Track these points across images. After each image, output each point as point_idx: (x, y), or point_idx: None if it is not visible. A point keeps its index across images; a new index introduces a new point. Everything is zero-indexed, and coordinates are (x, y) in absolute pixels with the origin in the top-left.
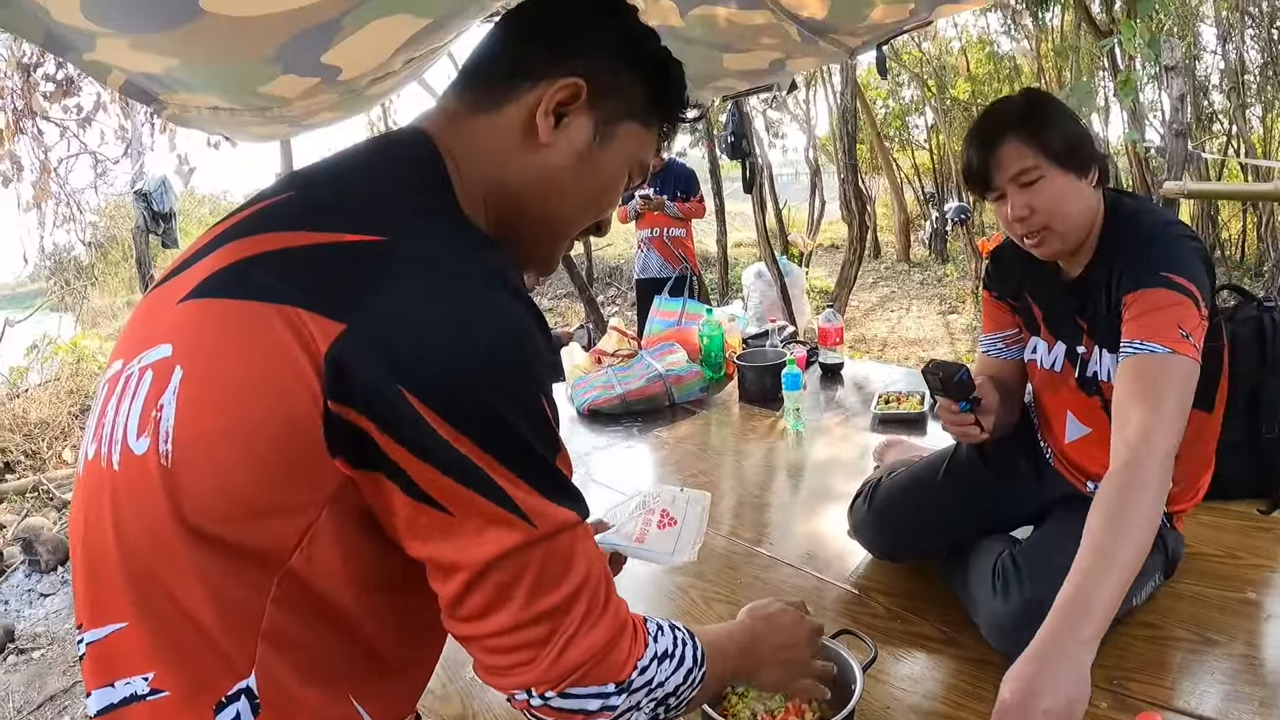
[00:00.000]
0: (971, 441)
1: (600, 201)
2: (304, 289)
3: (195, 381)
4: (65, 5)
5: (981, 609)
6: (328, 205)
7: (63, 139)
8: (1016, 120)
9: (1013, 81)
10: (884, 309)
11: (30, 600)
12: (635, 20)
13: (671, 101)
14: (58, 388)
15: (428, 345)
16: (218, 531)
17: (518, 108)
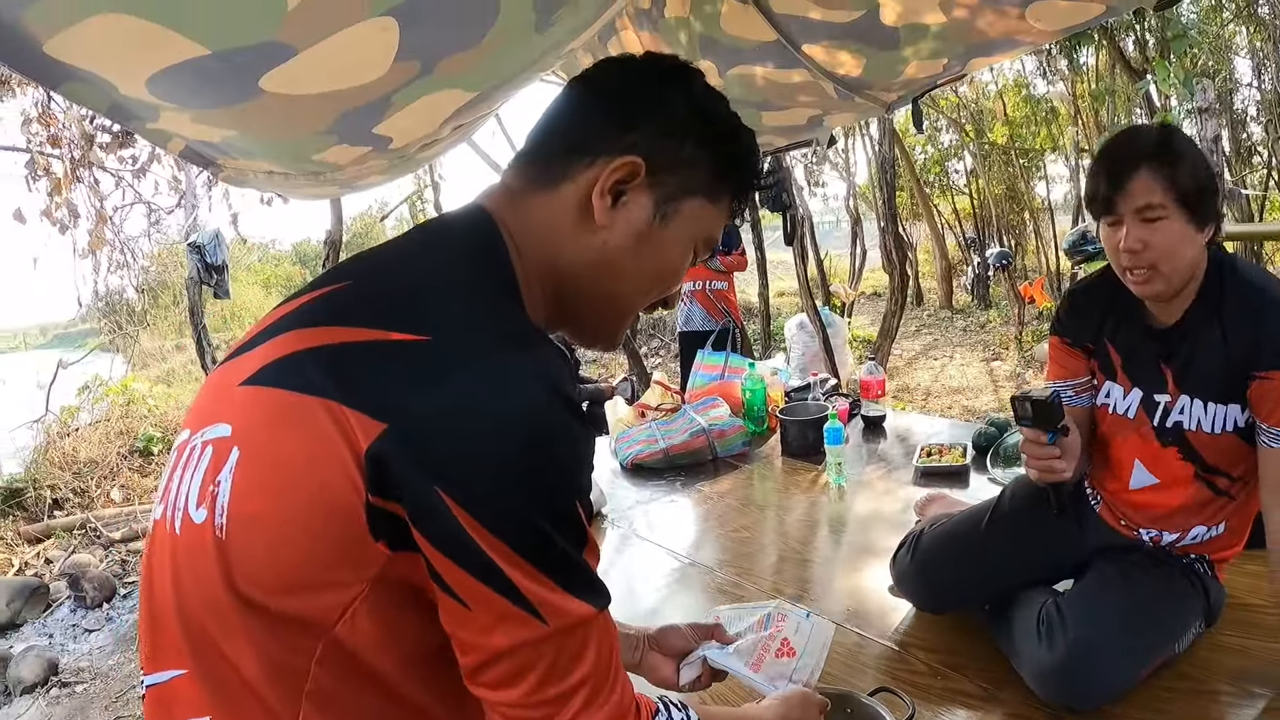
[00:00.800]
0: (1053, 480)
1: (662, 280)
2: (349, 386)
3: (249, 464)
4: (132, 82)
5: (1026, 658)
6: (379, 300)
7: (118, 188)
8: (1152, 152)
9: (1050, 124)
10: (927, 357)
11: (75, 635)
12: (703, 88)
13: (741, 174)
14: (108, 428)
15: (466, 450)
16: (265, 600)
17: (575, 186)
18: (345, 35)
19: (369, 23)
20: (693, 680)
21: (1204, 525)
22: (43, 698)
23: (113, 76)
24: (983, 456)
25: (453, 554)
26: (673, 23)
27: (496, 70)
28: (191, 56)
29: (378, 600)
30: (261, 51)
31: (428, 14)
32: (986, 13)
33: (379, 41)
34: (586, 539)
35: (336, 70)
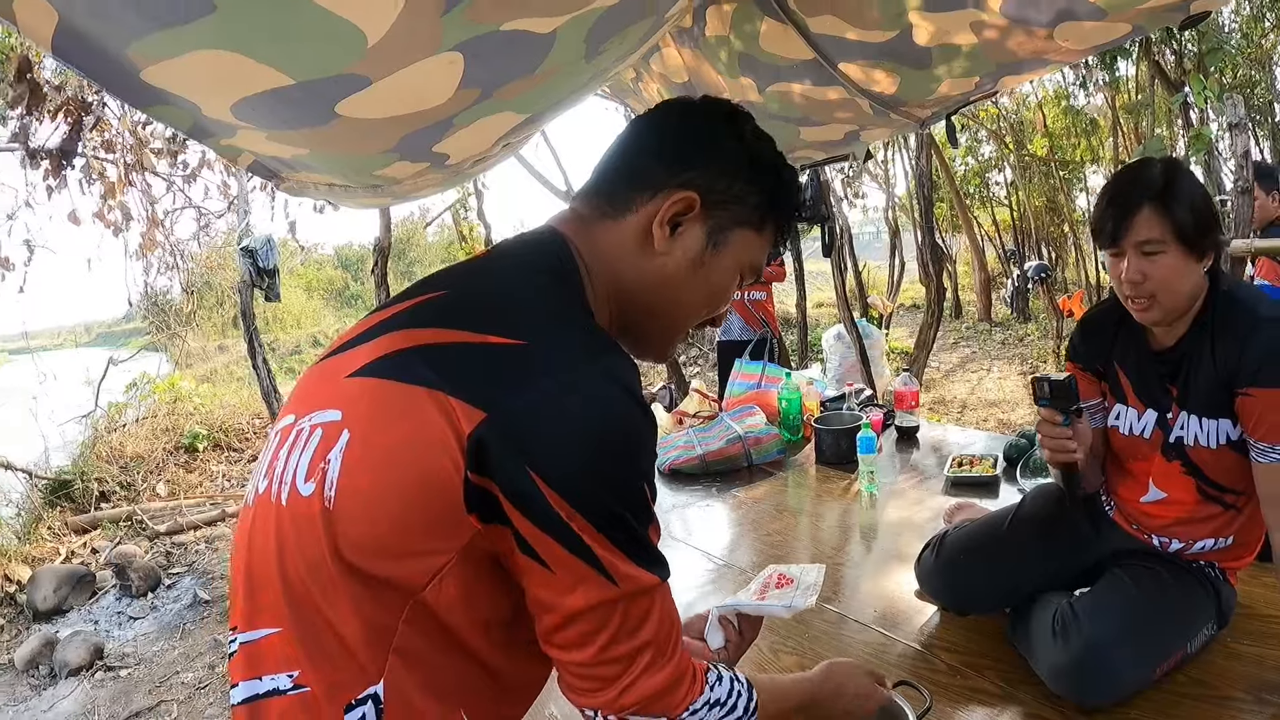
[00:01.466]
0: (1064, 460)
1: (712, 302)
2: (454, 379)
3: (358, 444)
4: (217, 104)
5: (1041, 656)
6: (476, 308)
7: (169, 192)
8: (1155, 191)
9: (1089, 136)
10: (964, 370)
11: (120, 622)
12: (753, 131)
13: (784, 208)
14: (154, 425)
15: (555, 438)
16: (364, 565)
17: (637, 217)
18: (416, 67)
19: (438, 57)
20: (723, 642)
21: (1211, 537)
22: (88, 680)
23: (200, 100)
24: (1013, 468)
25: (540, 523)
26: (713, 41)
27: (548, 95)
28: (277, 86)
29: (463, 568)
30: (340, 81)
31: (491, 49)
32: (1016, 33)
33: (446, 73)
34: (651, 518)
35: (405, 97)
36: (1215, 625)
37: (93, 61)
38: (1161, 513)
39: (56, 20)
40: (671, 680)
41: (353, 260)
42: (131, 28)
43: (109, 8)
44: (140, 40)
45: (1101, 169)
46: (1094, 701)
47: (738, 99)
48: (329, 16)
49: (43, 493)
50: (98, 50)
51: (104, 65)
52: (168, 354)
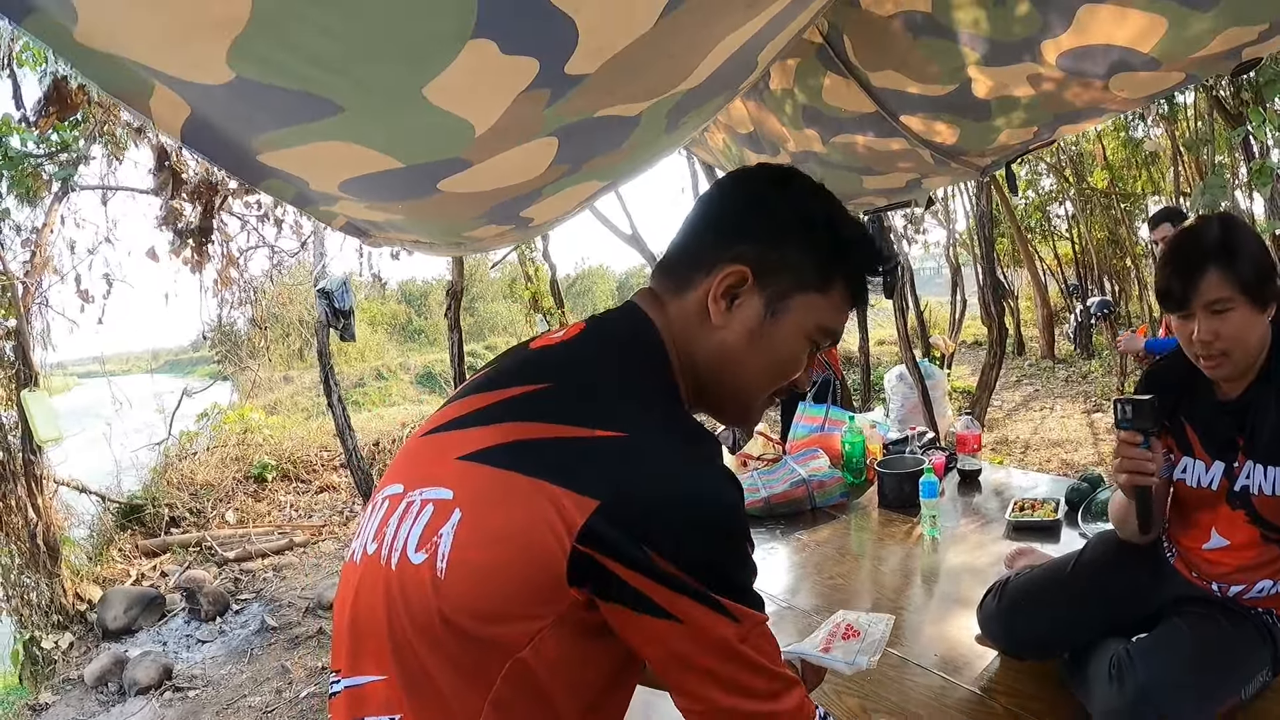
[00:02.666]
0: (1140, 483)
1: (781, 370)
2: (563, 472)
3: (469, 525)
4: (324, 180)
5: (1097, 699)
6: (579, 402)
7: (243, 230)
8: (1216, 250)
9: (1149, 167)
10: (1027, 409)
11: (188, 644)
12: (802, 192)
13: (848, 266)
14: (224, 454)
15: (666, 519)
16: (469, 627)
17: (697, 294)
18: (515, 150)
19: (536, 141)
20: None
21: (1270, 579)
22: (156, 699)
23: (309, 177)
24: (1074, 512)
25: (668, 585)
26: (778, 94)
27: (629, 165)
28: (387, 169)
29: (560, 631)
30: (445, 164)
31: (583, 131)
32: (1072, 85)
33: (541, 154)
34: (753, 570)
35: (502, 175)
36: (1270, 672)
37: (217, 149)
38: (1223, 559)
39: (188, 114)
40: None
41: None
42: (259, 125)
43: (240, 108)
44: (265, 134)
45: (1163, 200)
46: None
47: (802, 149)
48: (444, 114)
49: (114, 516)
50: (223, 139)
51: (226, 151)
52: (235, 383)
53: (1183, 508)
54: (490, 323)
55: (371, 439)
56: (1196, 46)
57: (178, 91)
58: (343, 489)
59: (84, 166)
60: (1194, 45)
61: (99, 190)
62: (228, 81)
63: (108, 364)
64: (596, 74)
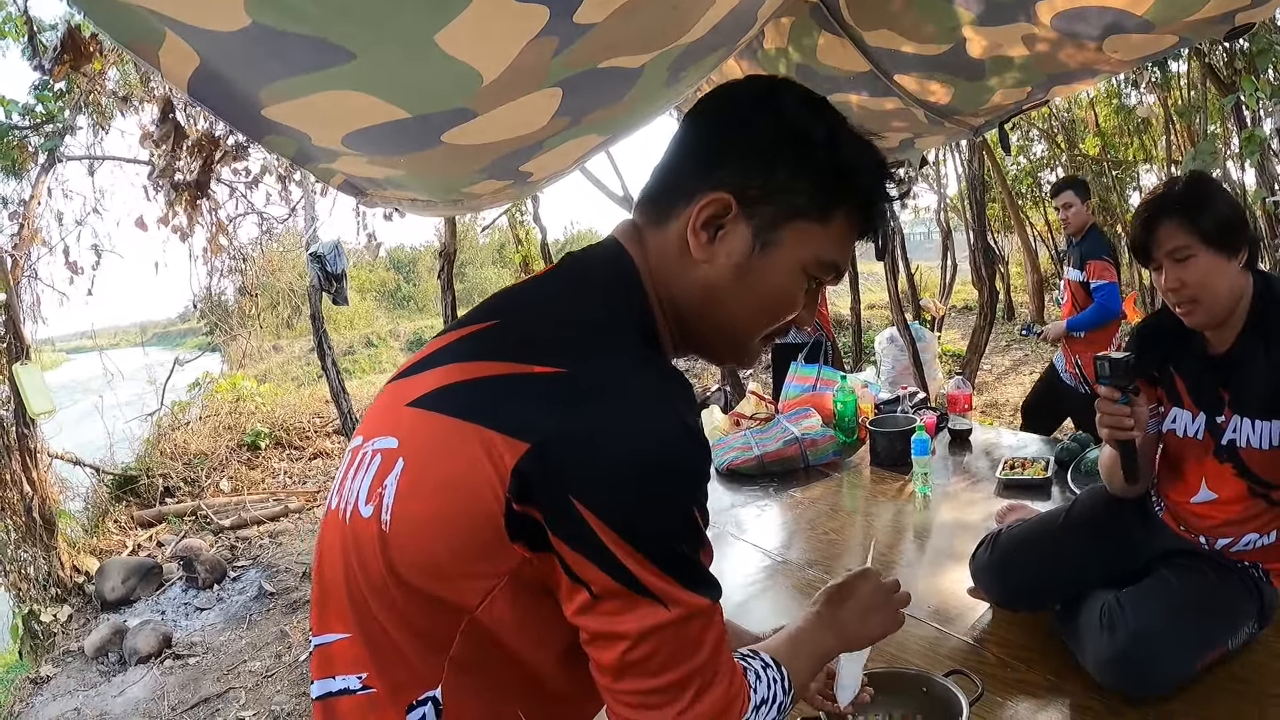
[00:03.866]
0: (1121, 438)
1: (773, 308)
2: (497, 413)
3: (411, 474)
4: (328, 134)
5: (1088, 649)
6: (522, 338)
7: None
8: (1176, 203)
9: (1141, 135)
10: (1016, 373)
11: (187, 612)
12: (795, 104)
13: (850, 188)
14: (216, 423)
15: (600, 466)
16: (419, 584)
17: (677, 225)
18: (519, 101)
19: (540, 92)
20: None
21: (1256, 532)
22: (157, 667)
23: (311, 131)
24: (1064, 471)
25: (585, 552)
26: (772, 53)
27: (628, 119)
28: (394, 119)
29: (514, 592)
30: (451, 114)
31: (586, 83)
32: (1066, 45)
33: (545, 105)
34: (703, 542)
35: (505, 127)
36: (1257, 624)
37: (222, 101)
38: (1211, 513)
39: (197, 64)
40: (727, 700)
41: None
42: (269, 73)
43: (252, 55)
44: (275, 83)
45: (1155, 168)
46: (1138, 692)
47: None
48: (453, 62)
49: (109, 488)
50: (230, 91)
51: (231, 104)
52: (224, 353)
53: (1172, 461)
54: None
55: (363, 405)
56: (1190, 10)
57: (189, 40)
58: (336, 455)
59: (70, 137)
60: (1187, 8)
61: (86, 161)
62: (243, 28)
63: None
64: (603, 23)
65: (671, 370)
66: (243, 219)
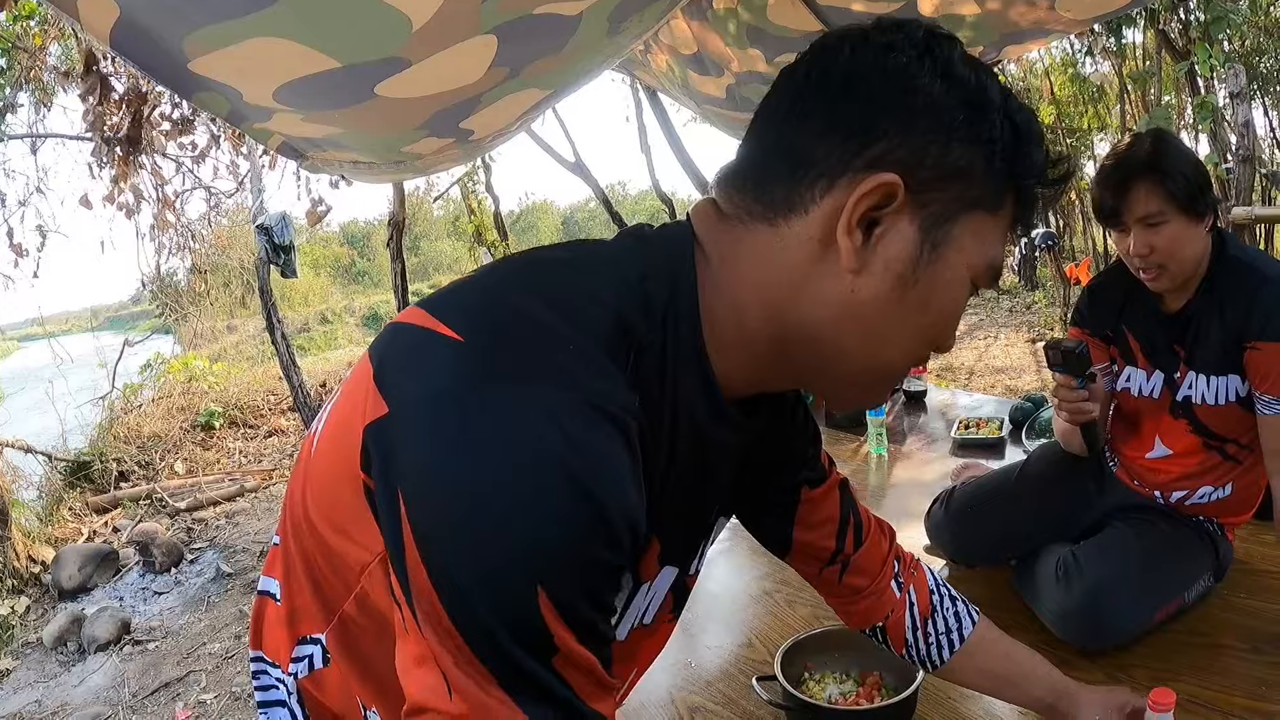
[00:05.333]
0: (1081, 419)
1: (937, 331)
2: (388, 365)
3: (333, 411)
4: (260, 90)
5: (1045, 601)
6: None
7: (178, 173)
8: (1146, 165)
9: (1096, 103)
10: (971, 337)
11: (145, 598)
12: (964, 60)
13: (1028, 168)
14: (169, 404)
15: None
16: (319, 524)
17: (806, 219)
18: (453, 49)
19: (474, 40)
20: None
21: (1211, 485)
22: (116, 654)
23: (243, 87)
24: (1018, 430)
25: (395, 561)
26: (722, 13)
27: (570, 72)
28: (324, 69)
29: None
30: (383, 64)
31: (523, 31)
32: (1018, 4)
33: (480, 54)
34: (552, 648)
35: (440, 78)
36: (1212, 578)
37: (146, 54)
38: (1166, 468)
39: (118, 15)
40: None
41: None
42: (191, 20)
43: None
44: (198, 31)
45: (1108, 136)
46: (1095, 644)
47: (746, 69)
48: (380, 6)
49: (63, 474)
50: (153, 43)
51: (156, 57)
52: (177, 334)
53: (1126, 418)
54: (435, 261)
55: (319, 381)
56: None
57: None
58: (291, 432)
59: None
60: None
61: (28, 139)
62: None
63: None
64: None
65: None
66: (190, 194)
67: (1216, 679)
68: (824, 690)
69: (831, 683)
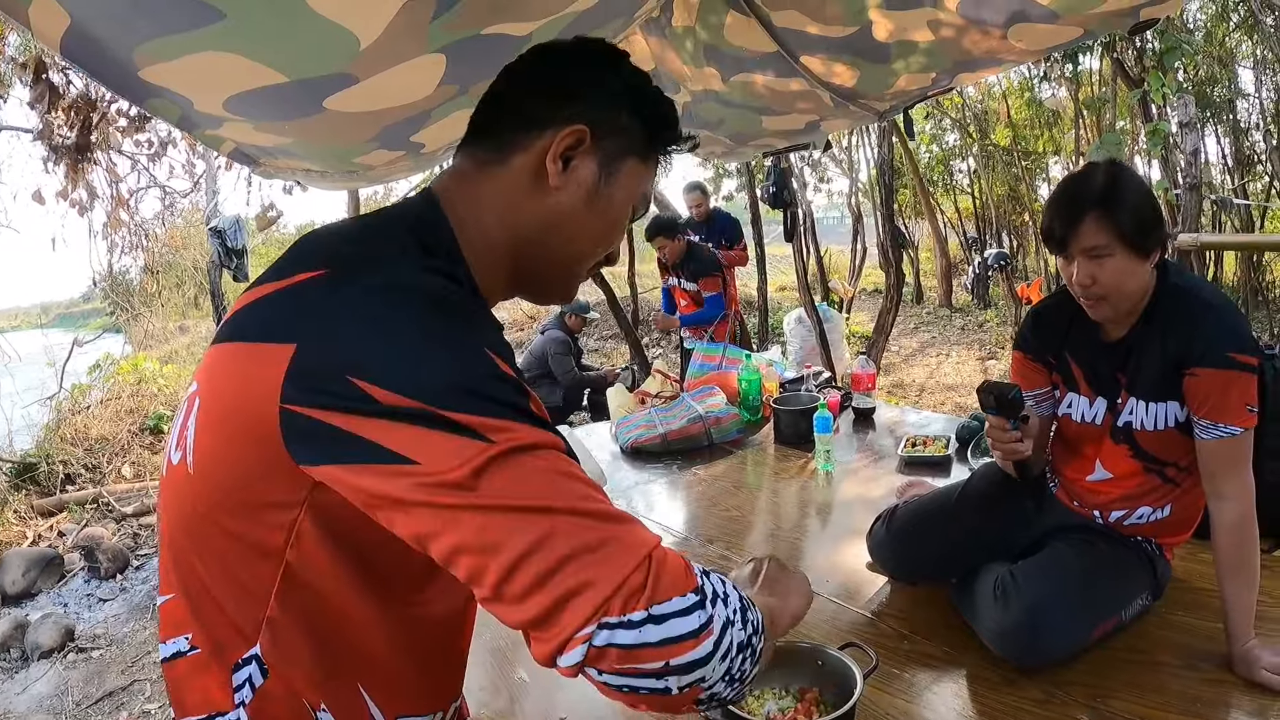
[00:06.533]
0: (1015, 458)
1: (609, 236)
2: (265, 327)
3: (203, 411)
4: (210, 99)
5: (984, 620)
6: (293, 259)
7: (134, 171)
8: (1097, 198)
9: (1052, 128)
10: (924, 354)
11: (90, 604)
12: (631, 66)
13: (667, 135)
14: (118, 406)
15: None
16: (223, 521)
17: (525, 156)
18: (401, 67)
19: (422, 58)
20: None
21: (1150, 507)
22: (60, 662)
23: (193, 95)
24: (965, 448)
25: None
26: (680, 31)
27: None
28: (273, 83)
29: (317, 528)
30: (331, 79)
31: (471, 50)
32: (971, 32)
33: (429, 72)
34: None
35: (389, 94)
36: (1150, 596)
37: (97, 62)
38: (1106, 490)
39: (68, 24)
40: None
41: None
42: (140, 32)
43: (121, 13)
44: (147, 43)
45: (1063, 160)
46: (1032, 662)
47: (702, 87)
48: (327, 23)
49: (7, 476)
50: (103, 52)
51: (106, 65)
52: (128, 334)
53: (1068, 441)
54: None
55: None
56: (1095, 2)
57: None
58: None
59: None
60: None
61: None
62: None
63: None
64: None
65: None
66: (144, 193)
67: (1153, 695)
68: (763, 706)
69: (770, 699)
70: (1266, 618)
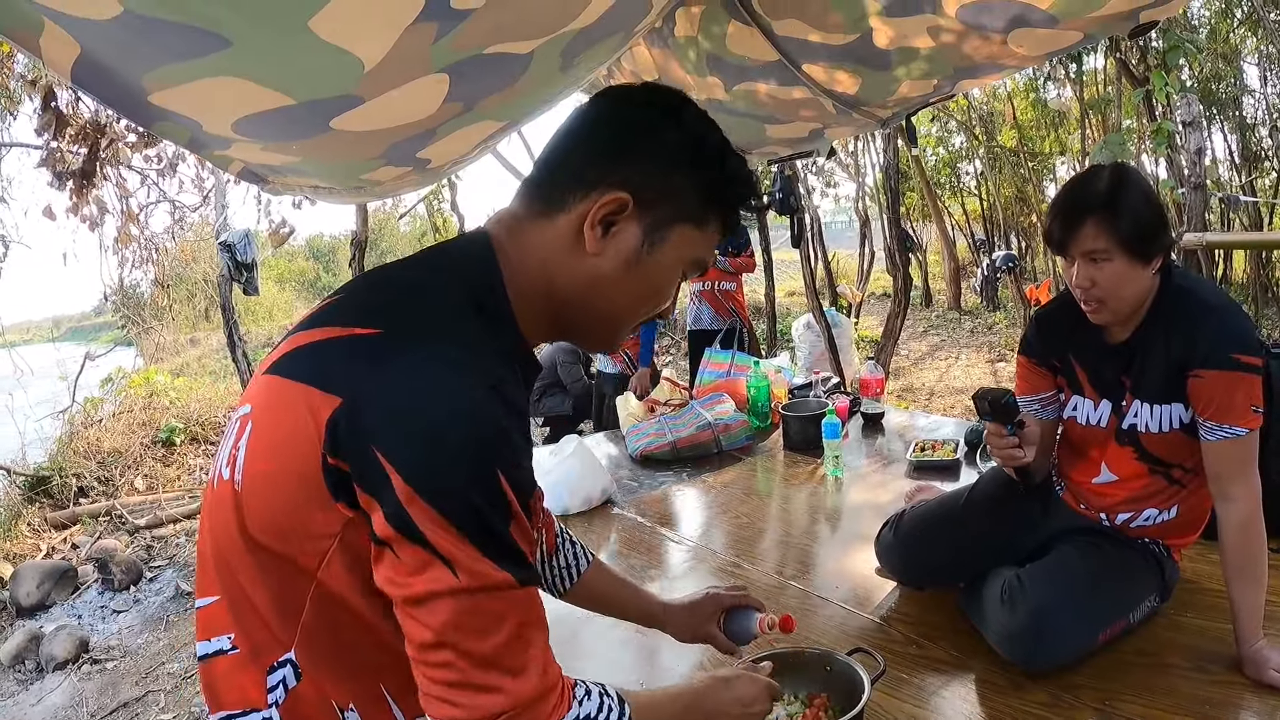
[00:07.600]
0: (1014, 464)
1: (652, 300)
2: (319, 373)
3: (256, 436)
4: (219, 122)
5: (991, 624)
6: (356, 306)
7: (143, 186)
8: (1099, 202)
9: (1058, 128)
10: (933, 358)
11: (103, 616)
12: (694, 119)
13: (729, 200)
14: (130, 419)
15: (399, 416)
16: (266, 542)
17: (568, 217)
18: (406, 87)
19: (426, 78)
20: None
21: (1156, 508)
22: (74, 674)
23: (202, 119)
24: (974, 452)
25: (383, 505)
26: (682, 41)
27: (524, 104)
28: (280, 106)
29: (346, 555)
30: (337, 101)
31: (474, 69)
32: (972, 38)
33: (432, 91)
34: (512, 515)
35: (394, 113)
36: (1158, 598)
37: (107, 89)
38: (1112, 492)
39: (78, 53)
40: (537, 692)
41: (324, 251)
42: (149, 60)
43: (130, 42)
44: (156, 70)
45: (1069, 161)
46: (1039, 665)
47: (705, 96)
48: (332, 48)
49: (21, 489)
50: (113, 79)
51: (116, 92)
52: (139, 348)
53: (1073, 444)
54: None
55: None
56: (1095, 5)
57: (68, 29)
58: None
59: None
60: (1092, 4)
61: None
62: (116, 16)
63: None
64: (482, 9)
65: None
66: (154, 207)
67: (1162, 698)
68: (772, 712)
69: (779, 704)
70: (1275, 618)
